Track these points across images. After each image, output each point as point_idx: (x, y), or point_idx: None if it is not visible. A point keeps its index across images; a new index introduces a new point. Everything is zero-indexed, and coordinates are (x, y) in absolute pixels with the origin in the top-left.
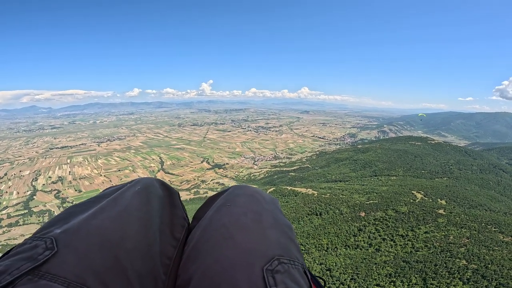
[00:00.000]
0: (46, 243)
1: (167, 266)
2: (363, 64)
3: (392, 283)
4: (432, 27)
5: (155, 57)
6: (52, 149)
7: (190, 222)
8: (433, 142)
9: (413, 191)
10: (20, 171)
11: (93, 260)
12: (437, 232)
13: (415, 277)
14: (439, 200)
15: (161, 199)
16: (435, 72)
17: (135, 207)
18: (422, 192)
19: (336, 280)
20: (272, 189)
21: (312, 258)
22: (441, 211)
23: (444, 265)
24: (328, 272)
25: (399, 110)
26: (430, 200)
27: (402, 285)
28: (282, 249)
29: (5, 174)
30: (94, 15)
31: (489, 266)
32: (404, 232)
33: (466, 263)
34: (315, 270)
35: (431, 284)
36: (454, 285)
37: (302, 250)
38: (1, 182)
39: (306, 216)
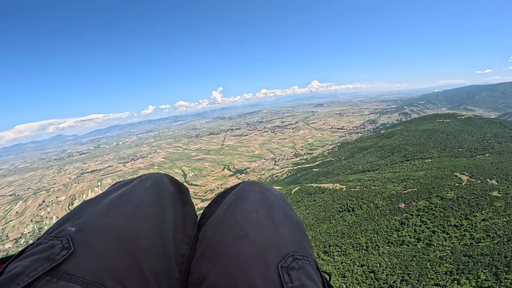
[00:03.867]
0: (63, 243)
1: (181, 264)
2: (371, 49)
3: (455, 282)
4: (439, 3)
5: (163, 73)
6: (83, 174)
7: (200, 218)
8: (462, 117)
9: (455, 173)
10: (57, 197)
11: (110, 259)
12: (497, 218)
13: (484, 273)
14: (488, 180)
15: (172, 196)
16: (447, 46)
17: (148, 204)
18: (467, 173)
19: (384, 283)
20: (297, 188)
21: (351, 260)
22: (495, 193)
23: None
24: (372, 274)
25: (417, 90)
26: (479, 182)
27: (469, 282)
28: (295, 245)
29: (43, 201)
30: (101, 43)
31: None
32: (457, 222)
33: None
34: (356, 273)
35: (506, 279)
36: None
37: (338, 251)
38: (40, 209)
39: (338, 214)
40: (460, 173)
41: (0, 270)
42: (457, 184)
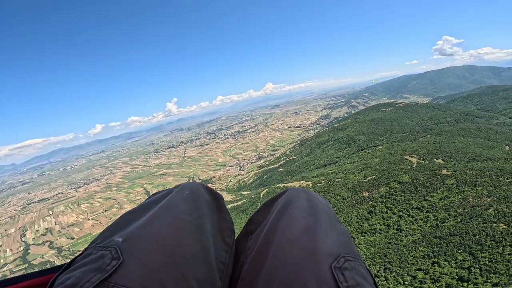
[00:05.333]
0: (112, 253)
1: (222, 272)
2: (315, 47)
3: (436, 265)
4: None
5: (109, 88)
6: (29, 204)
7: (247, 225)
8: (400, 104)
9: (405, 157)
10: (5, 230)
11: (156, 268)
12: (453, 197)
13: (460, 253)
14: (435, 160)
15: (209, 204)
16: (378, 41)
17: (187, 212)
18: (415, 155)
19: None
20: (265, 190)
21: None
22: (444, 171)
23: (484, 233)
24: None
25: (360, 84)
26: (427, 162)
27: (449, 264)
28: (345, 248)
29: None
30: (33, 57)
31: None
32: (418, 204)
33: (506, 227)
34: None
35: (483, 257)
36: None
37: None
38: None
39: None
40: (409, 156)
41: (50, 282)
42: (409, 167)
